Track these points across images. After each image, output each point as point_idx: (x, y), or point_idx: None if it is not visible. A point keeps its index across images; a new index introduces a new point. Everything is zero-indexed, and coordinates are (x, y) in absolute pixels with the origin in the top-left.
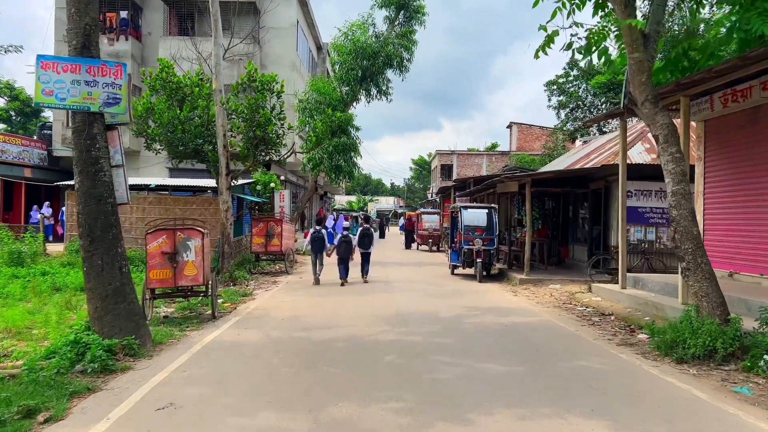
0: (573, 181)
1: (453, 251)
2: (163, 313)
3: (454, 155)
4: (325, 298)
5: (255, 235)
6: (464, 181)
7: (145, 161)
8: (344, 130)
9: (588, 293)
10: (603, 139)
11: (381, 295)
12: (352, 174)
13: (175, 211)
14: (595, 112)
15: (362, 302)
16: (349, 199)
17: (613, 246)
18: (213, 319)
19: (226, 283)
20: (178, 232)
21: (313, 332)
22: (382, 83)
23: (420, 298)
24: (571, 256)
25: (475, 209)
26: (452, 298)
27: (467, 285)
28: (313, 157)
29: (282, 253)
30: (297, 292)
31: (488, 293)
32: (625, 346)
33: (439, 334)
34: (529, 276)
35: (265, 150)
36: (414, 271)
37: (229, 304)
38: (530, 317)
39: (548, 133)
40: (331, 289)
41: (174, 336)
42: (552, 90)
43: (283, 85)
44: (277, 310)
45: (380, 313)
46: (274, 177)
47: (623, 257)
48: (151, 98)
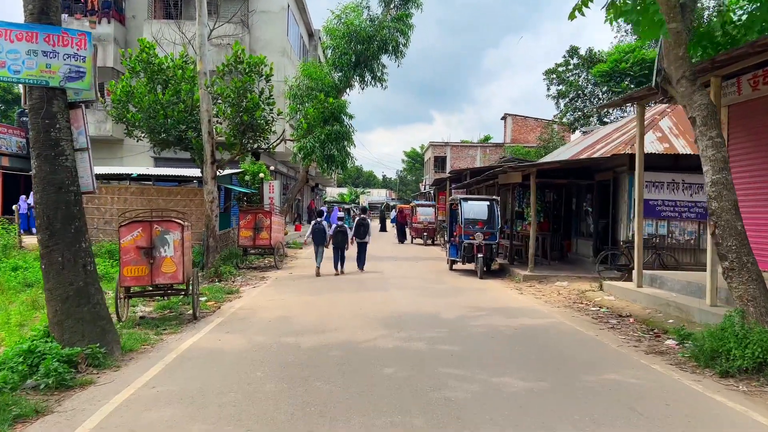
0: (577, 172)
1: (451, 245)
2: (139, 312)
3: (447, 147)
4: (317, 296)
5: (242, 227)
6: (460, 172)
7: (129, 150)
8: (337, 117)
9: (599, 292)
10: (608, 129)
11: (376, 293)
12: (345, 164)
13: (159, 202)
14: (595, 102)
15: (357, 301)
16: (341, 192)
17: (622, 241)
18: (194, 320)
19: (211, 279)
20: (155, 225)
21: (303, 337)
22: (376, 69)
23: (418, 297)
24: (575, 251)
25: (476, 201)
26: (453, 296)
27: (467, 282)
28: (304, 145)
29: (271, 247)
30: (287, 288)
31: (491, 291)
32: (654, 355)
33: (444, 340)
34: (534, 272)
35: (252, 137)
36: (410, 266)
37: (213, 302)
38: (541, 318)
39: (544, 125)
40: (324, 284)
41: (148, 341)
42: (551, 79)
43: (272, 68)
44: (264, 309)
45: (377, 313)
46: (263, 167)
47: (639, 253)
48: (131, 81)
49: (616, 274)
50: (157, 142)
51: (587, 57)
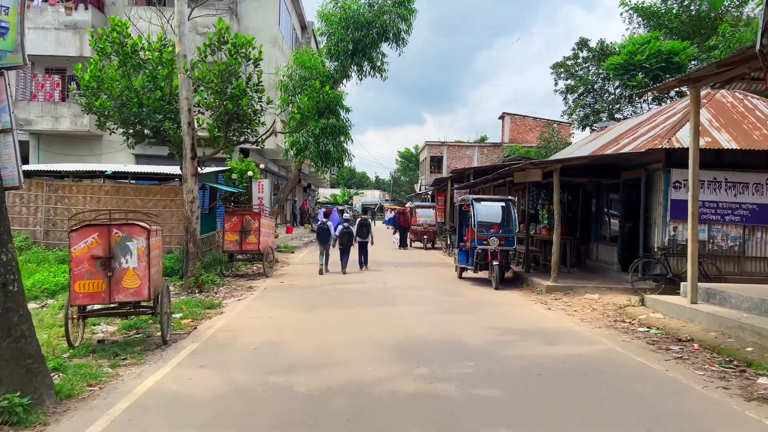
0: (600, 170)
1: (461, 251)
2: (99, 334)
3: (444, 147)
4: (312, 313)
5: (228, 231)
6: (462, 172)
7: (107, 146)
8: (333, 110)
9: (641, 307)
10: (631, 122)
11: (382, 309)
12: (342, 161)
13: (136, 202)
14: (606, 98)
15: (360, 320)
16: (334, 192)
17: (657, 247)
18: (163, 346)
19: (191, 290)
20: (115, 230)
21: (297, 375)
22: (375, 58)
23: (432, 314)
24: (595, 257)
25: (490, 202)
26: (471, 312)
27: (483, 293)
28: (297, 140)
29: (260, 253)
30: (277, 302)
31: (514, 306)
32: (759, 403)
33: (478, 380)
34: (558, 282)
35: (239, 129)
36: (414, 273)
37: (189, 320)
38: (587, 345)
39: (544, 124)
40: (320, 295)
41: (98, 378)
42: (559, 73)
43: (261, 51)
44: (249, 331)
45: (386, 337)
46: (252, 165)
47: (694, 263)
48: (102, 64)
49: (652, 284)
50: (131, 134)
51: (598, 49)
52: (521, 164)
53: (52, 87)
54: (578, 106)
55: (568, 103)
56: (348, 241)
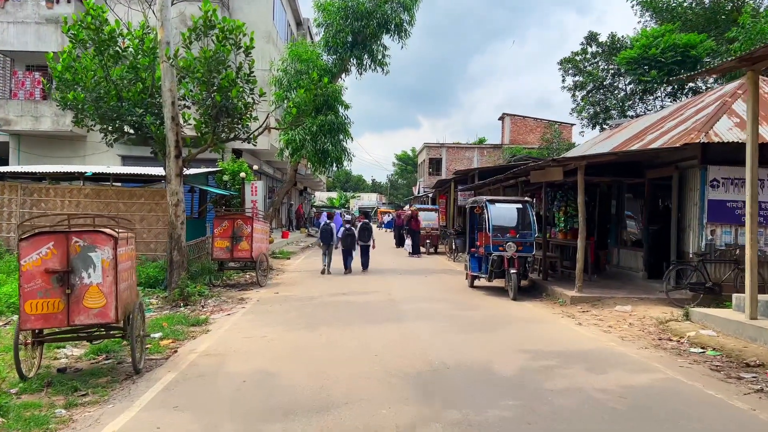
0: (620, 169)
1: (472, 258)
2: (63, 360)
3: (443, 149)
4: (311, 332)
5: (217, 237)
6: (466, 173)
7: (93, 148)
8: (331, 106)
9: (686, 322)
10: (652, 118)
11: (391, 325)
12: (341, 160)
13: (118, 206)
14: (617, 95)
15: (366, 340)
16: (330, 196)
17: (692, 253)
18: (134, 377)
19: (175, 303)
20: (74, 238)
21: (295, 423)
22: (376, 51)
23: (449, 333)
24: (616, 263)
25: (506, 204)
26: (494, 330)
27: (500, 305)
28: (292, 138)
29: (252, 260)
30: (270, 317)
31: (540, 321)
32: None
33: (526, 428)
34: (582, 292)
35: (228, 124)
36: (420, 282)
37: (170, 340)
38: (642, 373)
39: (545, 125)
40: (319, 309)
41: (45, 425)
42: (566, 69)
43: (252, 39)
44: (237, 357)
45: (400, 365)
46: (244, 165)
47: (753, 272)
48: (76, 54)
49: (688, 294)
50: (110, 131)
51: (609, 44)
52: (539, 162)
53: (33, 85)
54: (587, 103)
55: (576, 100)
56: (351, 243)
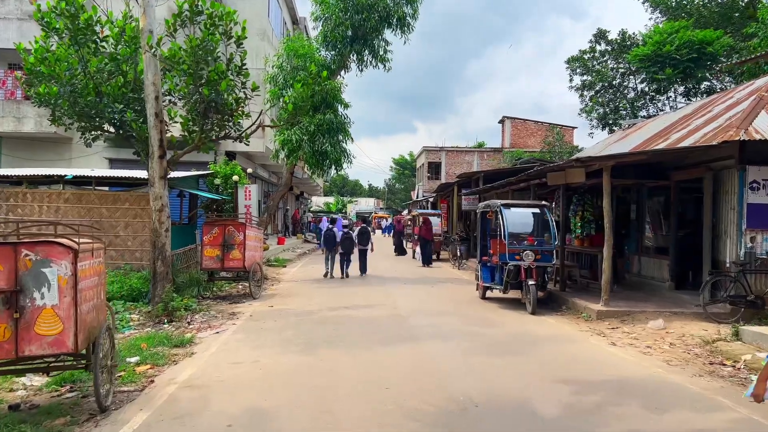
0: (642, 171)
1: (484, 267)
2: (20, 392)
3: (442, 152)
4: (310, 355)
5: (207, 245)
6: (470, 176)
7: (79, 150)
8: (330, 104)
9: (736, 342)
10: (673, 116)
11: (403, 347)
12: (341, 162)
13: (101, 211)
14: (627, 94)
15: (375, 367)
16: (327, 201)
17: (731, 262)
18: (98, 416)
19: (159, 319)
20: (24, 250)
21: None
22: (378, 46)
23: (471, 355)
24: (637, 272)
25: (522, 208)
26: (521, 352)
27: (520, 320)
28: (288, 138)
29: (245, 270)
30: (264, 336)
31: (568, 340)
32: None
33: None
34: (609, 306)
35: (218, 121)
36: (427, 293)
37: (148, 366)
38: (709, 411)
39: (547, 128)
40: (319, 325)
41: None
42: (574, 68)
43: (245, 28)
44: (223, 388)
45: (418, 401)
46: (238, 168)
47: None
48: (51, 43)
49: (726, 308)
50: (87, 129)
51: (619, 41)
52: (559, 163)
53: (15, 84)
54: (596, 103)
55: (584, 100)
56: (349, 247)
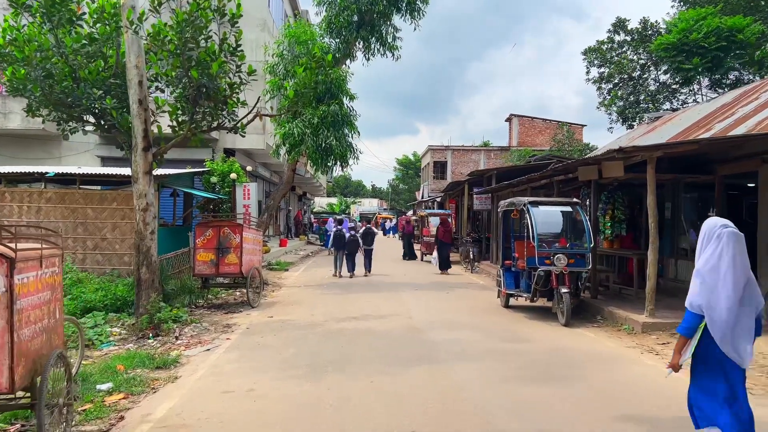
0: (682, 165)
1: (507, 272)
2: None
3: (448, 151)
4: (316, 382)
5: (200, 248)
6: (482, 174)
7: (69, 148)
8: (334, 95)
9: None
10: (711, 106)
11: (421, 370)
12: (347, 158)
13: (86, 212)
14: (646, 87)
15: (393, 397)
16: (330, 201)
17: None
18: None
19: (143, 332)
20: None
21: None
22: (386, 33)
23: (506, 384)
24: (673, 276)
25: (551, 206)
26: (566, 377)
27: (551, 333)
28: (290, 132)
29: (242, 276)
30: (261, 355)
31: (616, 360)
32: None
33: None
34: (655, 317)
35: (211, 111)
36: (443, 300)
37: (121, 396)
38: None
39: (556, 126)
40: (325, 340)
41: None
42: (591, 59)
43: (240, 5)
44: (208, 428)
45: None
46: (236, 165)
47: None
48: (21, 22)
49: None
50: (64, 119)
51: (640, 30)
52: (596, 156)
53: None
54: (616, 96)
55: (602, 93)
56: (354, 248)
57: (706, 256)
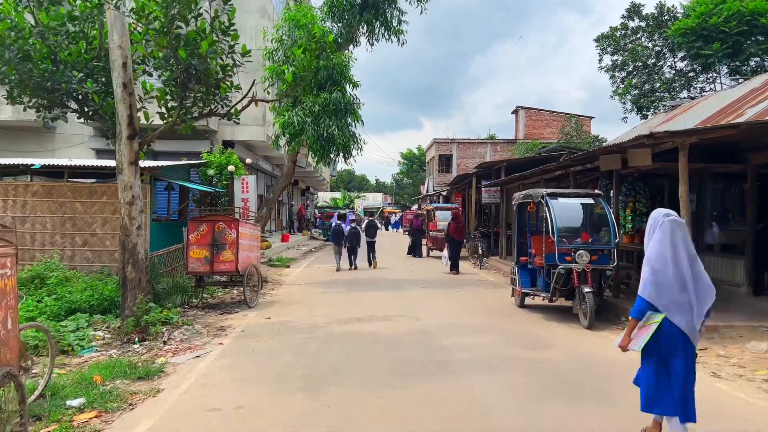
0: (706, 153)
1: (522, 270)
2: None
3: (453, 144)
4: (316, 396)
5: (193, 244)
6: (491, 166)
7: (63, 141)
8: (336, 81)
9: None
10: (736, 92)
11: (435, 384)
12: (350, 148)
13: (75, 206)
14: (661, 76)
15: (405, 420)
16: (334, 196)
17: None
18: None
19: (128, 337)
20: None
21: None
22: (391, 16)
23: (535, 402)
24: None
25: (571, 198)
26: (600, 393)
27: (574, 337)
28: (290, 121)
29: (239, 274)
30: (255, 364)
31: None
32: None
33: None
34: None
35: (203, 96)
36: (452, 299)
37: (93, 413)
38: None
39: (564, 118)
40: (326, 346)
41: None
42: (604, 46)
43: None
44: None
45: None
46: (234, 157)
47: None
48: None
49: None
50: (44, 105)
51: (656, 15)
52: (621, 143)
53: None
54: (630, 84)
55: (615, 81)
56: (356, 241)
57: (653, 245)
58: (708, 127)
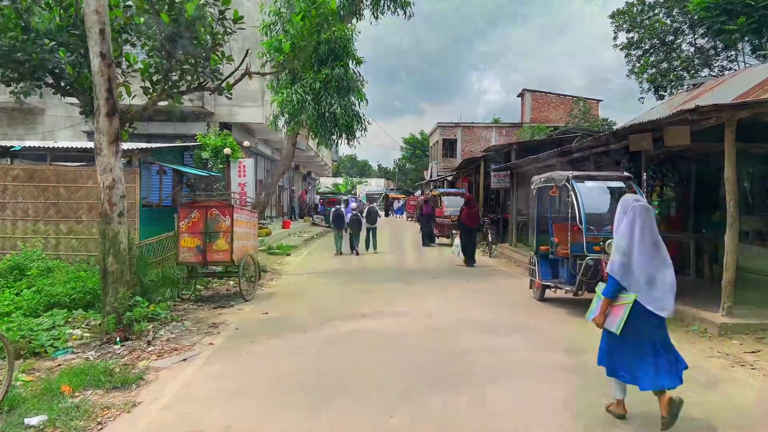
0: (744, 132)
1: (542, 260)
2: None
3: (458, 128)
4: (315, 415)
5: (184, 232)
6: (500, 150)
7: (53, 123)
8: (339, 56)
9: None
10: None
11: (454, 399)
12: (353, 128)
13: (59, 191)
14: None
15: None
16: (336, 182)
17: None
18: None
19: (109, 336)
20: None
21: None
22: None
23: (584, 427)
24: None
25: (598, 182)
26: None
27: None
28: (289, 99)
29: (234, 264)
30: (249, 370)
31: (704, 378)
32: None
33: None
34: (734, 317)
35: (191, 68)
36: (466, 292)
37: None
38: None
39: (572, 101)
40: (328, 348)
41: None
42: (620, 23)
43: None
44: None
45: None
46: (230, 139)
47: None
48: None
49: None
50: (14, 78)
51: None
52: (657, 120)
53: None
54: (648, 63)
55: (631, 60)
56: (357, 227)
57: (622, 228)
58: (763, 100)
